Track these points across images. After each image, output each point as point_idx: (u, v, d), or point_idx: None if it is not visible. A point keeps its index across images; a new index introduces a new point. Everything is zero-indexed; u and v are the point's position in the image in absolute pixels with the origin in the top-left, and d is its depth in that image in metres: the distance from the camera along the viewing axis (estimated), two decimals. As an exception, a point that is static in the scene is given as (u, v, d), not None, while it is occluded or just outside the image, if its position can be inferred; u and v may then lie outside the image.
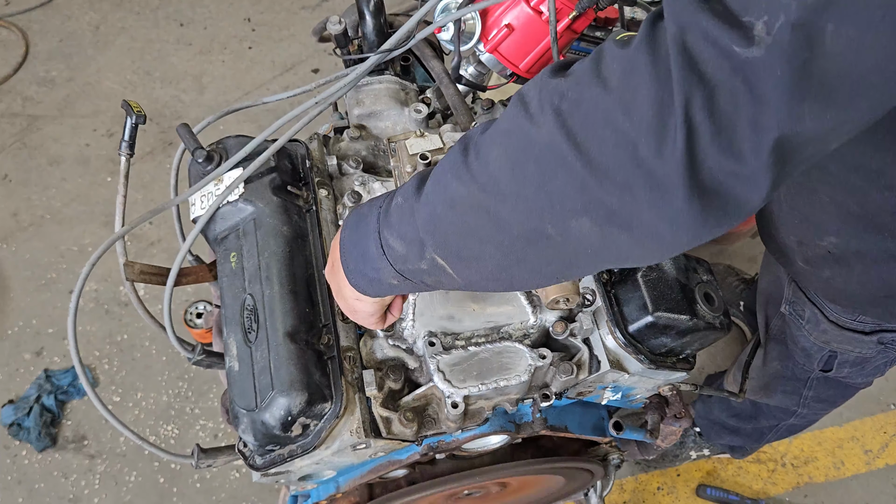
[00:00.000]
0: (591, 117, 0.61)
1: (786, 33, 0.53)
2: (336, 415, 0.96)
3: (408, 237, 0.76)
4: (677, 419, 1.22)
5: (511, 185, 0.66)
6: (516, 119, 0.66)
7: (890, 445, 2.29)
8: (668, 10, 0.59)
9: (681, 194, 0.59)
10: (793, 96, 0.55)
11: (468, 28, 1.26)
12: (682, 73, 0.57)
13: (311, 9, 3.42)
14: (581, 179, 0.62)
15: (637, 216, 0.62)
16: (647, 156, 0.59)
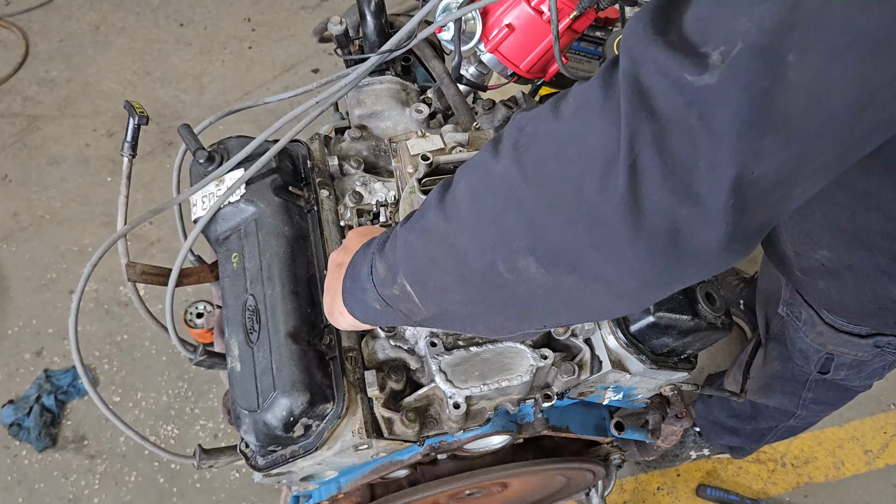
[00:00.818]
0: (543, 151, 0.60)
1: (743, 59, 0.50)
2: (338, 415, 0.96)
3: (388, 261, 0.77)
4: (678, 419, 1.22)
5: (470, 216, 0.66)
6: (484, 152, 0.66)
7: (890, 445, 2.29)
8: (623, 44, 0.57)
9: (623, 234, 0.56)
10: (752, 129, 0.50)
11: (469, 28, 1.26)
12: (631, 107, 0.54)
13: (311, 9, 3.42)
14: (529, 216, 0.61)
15: (581, 257, 0.60)
16: (590, 192, 0.56)
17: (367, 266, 0.81)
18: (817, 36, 0.48)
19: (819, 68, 0.49)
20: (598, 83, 0.58)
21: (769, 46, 0.49)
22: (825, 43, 0.48)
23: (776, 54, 0.49)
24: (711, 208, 0.53)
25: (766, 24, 0.49)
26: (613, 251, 0.58)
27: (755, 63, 0.49)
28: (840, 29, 0.48)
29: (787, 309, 1.34)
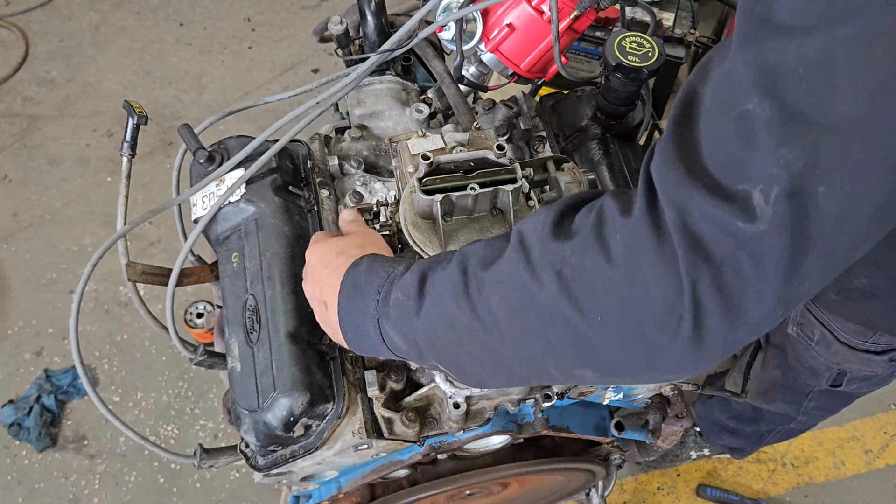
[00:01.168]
0: (595, 285, 0.63)
1: (782, 204, 0.54)
2: (338, 415, 0.96)
3: (409, 338, 0.78)
4: (679, 419, 1.22)
5: (512, 331, 0.68)
6: (518, 270, 0.67)
7: (890, 445, 2.29)
8: (661, 189, 0.60)
9: (686, 362, 0.62)
10: (795, 262, 0.56)
11: (469, 28, 1.26)
12: (688, 257, 0.58)
13: (311, 9, 3.42)
14: (584, 338, 0.64)
15: (638, 374, 0.66)
16: (651, 328, 0.61)
17: (374, 330, 0.81)
18: (841, 168, 0.53)
19: (847, 194, 0.53)
20: (645, 224, 0.60)
21: (801, 188, 0.53)
22: (849, 173, 0.53)
23: (809, 193, 0.53)
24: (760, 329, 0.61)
25: (794, 168, 0.53)
26: (672, 370, 0.64)
27: (794, 205, 0.54)
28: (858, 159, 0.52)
29: (797, 329, 1.32)
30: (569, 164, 1.10)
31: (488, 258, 0.71)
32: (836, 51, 0.51)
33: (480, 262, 0.71)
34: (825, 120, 0.52)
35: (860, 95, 0.51)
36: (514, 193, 0.97)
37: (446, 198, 0.94)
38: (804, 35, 0.52)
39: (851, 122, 0.52)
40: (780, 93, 0.53)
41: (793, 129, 0.53)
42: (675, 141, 0.61)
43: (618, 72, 1.20)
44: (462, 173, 0.97)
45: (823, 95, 0.52)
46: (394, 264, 0.82)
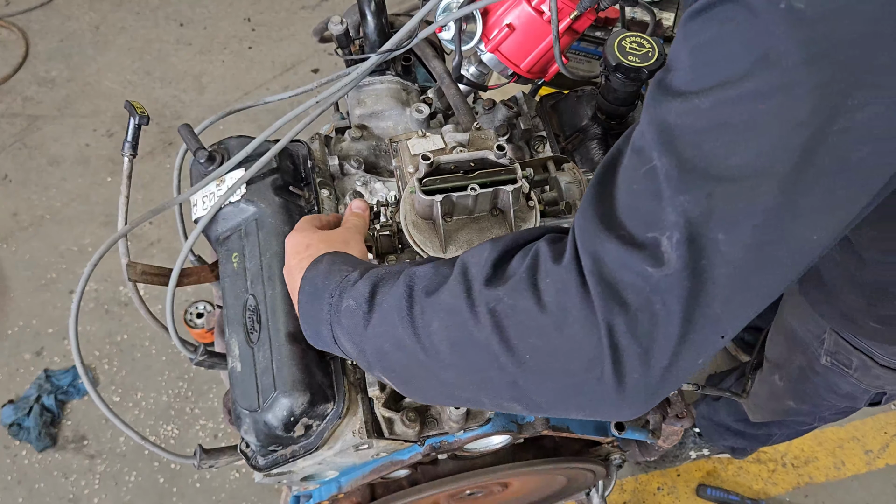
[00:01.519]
0: (526, 328, 0.66)
1: (682, 249, 0.58)
2: (338, 415, 0.96)
3: (358, 347, 0.80)
4: (679, 419, 1.22)
5: (451, 358, 0.71)
6: (458, 302, 0.70)
7: (890, 445, 2.29)
8: (579, 240, 0.65)
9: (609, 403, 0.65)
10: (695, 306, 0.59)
11: (469, 28, 1.26)
12: (604, 303, 0.61)
13: (311, 9, 3.42)
14: (513, 378, 0.67)
15: (563, 412, 0.70)
16: (577, 371, 0.64)
17: (327, 332, 0.83)
18: (738, 217, 0.58)
19: (748, 242, 0.58)
20: (573, 272, 0.64)
21: (699, 234, 0.58)
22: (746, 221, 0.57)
23: (708, 239, 0.58)
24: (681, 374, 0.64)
25: (691, 215, 0.58)
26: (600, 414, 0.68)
27: (693, 250, 0.58)
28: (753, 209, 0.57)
29: (830, 359, 1.31)
30: (569, 164, 1.10)
31: (433, 285, 0.73)
32: (724, 111, 0.57)
33: (425, 288, 0.74)
34: (718, 172, 0.58)
35: (749, 150, 0.57)
36: (515, 194, 0.97)
37: (447, 198, 0.94)
38: (697, 98, 0.59)
39: (743, 174, 0.57)
40: (677, 149, 0.59)
41: (689, 181, 0.59)
42: (594, 196, 0.67)
43: (618, 72, 1.20)
44: (462, 173, 0.97)
45: (715, 150, 0.58)
46: (349, 268, 0.84)
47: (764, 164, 0.56)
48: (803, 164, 0.56)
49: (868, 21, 0.53)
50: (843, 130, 0.55)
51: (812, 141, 0.55)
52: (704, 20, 0.60)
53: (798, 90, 0.55)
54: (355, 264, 0.85)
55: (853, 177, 0.57)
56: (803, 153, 0.56)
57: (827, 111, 0.55)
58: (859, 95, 0.54)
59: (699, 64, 0.60)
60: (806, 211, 0.58)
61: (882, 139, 0.56)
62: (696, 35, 0.60)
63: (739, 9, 0.57)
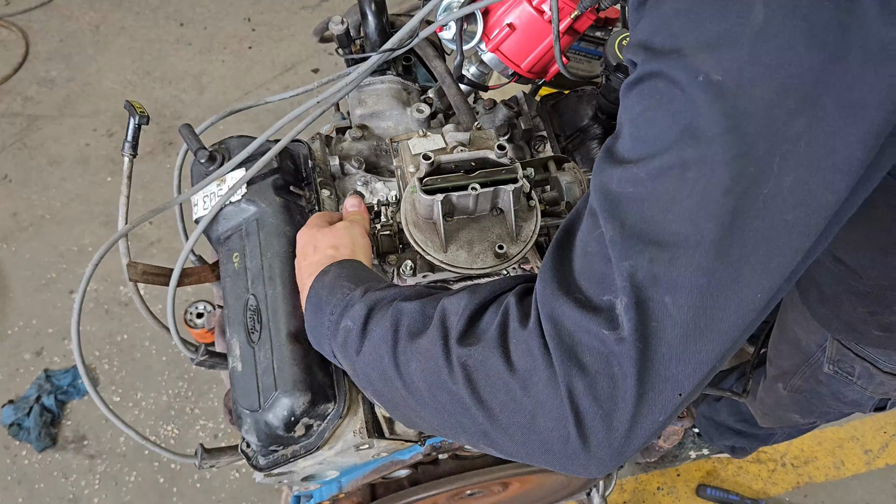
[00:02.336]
0: (495, 387, 0.67)
1: (631, 312, 0.60)
2: (339, 415, 0.96)
3: (350, 367, 0.83)
4: (679, 419, 1.22)
5: (429, 399, 0.73)
6: (435, 350, 0.72)
7: (890, 445, 2.29)
8: (539, 304, 0.66)
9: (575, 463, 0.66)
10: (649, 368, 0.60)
11: (470, 27, 1.26)
12: (563, 367, 0.63)
13: (311, 9, 3.42)
14: (484, 429, 0.69)
15: (535, 462, 0.70)
16: (545, 435, 0.65)
17: (328, 348, 0.86)
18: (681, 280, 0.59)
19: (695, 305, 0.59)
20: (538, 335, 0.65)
21: (646, 298, 0.60)
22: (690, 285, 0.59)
23: (656, 302, 0.60)
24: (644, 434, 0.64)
25: (635, 280, 0.60)
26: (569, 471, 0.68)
27: (641, 314, 0.60)
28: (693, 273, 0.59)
29: (833, 367, 1.31)
30: (570, 163, 1.10)
31: (416, 326, 0.76)
32: (658, 180, 0.60)
33: (409, 328, 0.76)
34: (657, 238, 0.60)
35: (682, 217, 0.59)
36: (516, 193, 0.97)
37: (447, 198, 0.94)
38: (635, 167, 0.62)
39: (678, 240, 0.59)
40: (619, 215, 0.62)
41: (631, 246, 0.61)
42: (553, 258, 0.69)
43: (618, 71, 1.20)
44: (463, 173, 0.97)
45: (653, 217, 0.60)
46: (352, 286, 0.86)
47: (697, 231, 0.58)
48: (735, 229, 0.58)
49: (778, 90, 0.55)
50: (773, 195, 0.57)
51: (741, 206, 0.57)
52: (637, 94, 0.63)
53: (720, 158, 0.57)
54: (358, 281, 0.88)
55: (790, 236, 0.59)
56: (734, 218, 0.58)
57: (751, 178, 0.57)
58: (780, 162, 0.56)
59: (635, 135, 0.63)
60: (745, 272, 0.59)
61: (805, 199, 0.57)
62: (632, 107, 0.64)
63: (665, 83, 0.60)
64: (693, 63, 0.58)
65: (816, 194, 0.57)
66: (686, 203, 0.59)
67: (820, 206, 0.58)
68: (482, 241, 0.99)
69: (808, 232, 0.59)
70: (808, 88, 0.55)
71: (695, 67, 0.58)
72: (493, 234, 0.99)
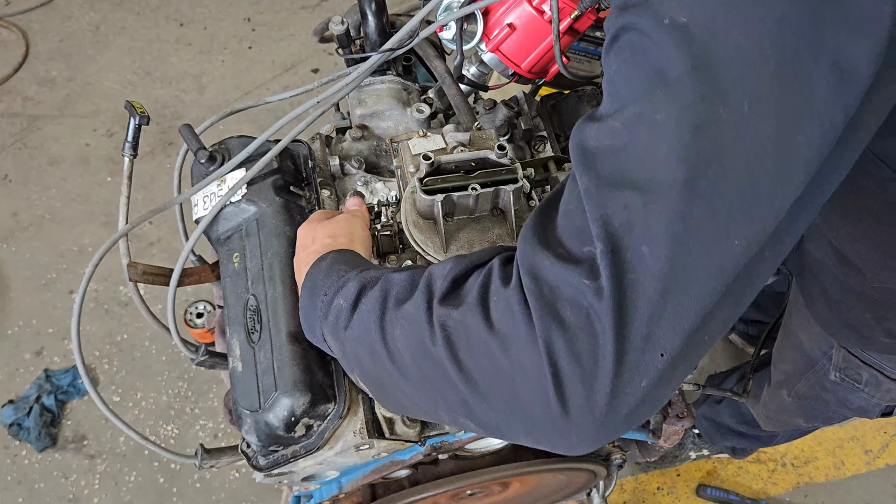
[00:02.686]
0: (475, 349, 0.66)
1: (607, 259, 0.59)
2: (339, 415, 0.96)
3: (339, 346, 0.82)
4: (680, 419, 1.22)
5: (412, 369, 0.72)
6: (419, 314, 0.71)
7: (890, 445, 2.29)
8: (520, 260, 0.66)
9: (555, 433, 0.64)
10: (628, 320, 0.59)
11: (470, 27, 1.26)
12: (542, 321, 0.61)
13: (311, 9, 3.42)
14: (463, 396, 0.68)
15: (514, 435, 0.69)
16: (525, 400, 0.64)
17: (319, 331, 0.85)
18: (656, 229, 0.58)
19: (671, 254, 0.58)
20: (518, 292, 0.64)
21: (621, 245, 0.59)
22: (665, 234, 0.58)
23: (632, 251, 0.59)
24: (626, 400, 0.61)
25: (611, 228, 0.60)
26: (549, 442, 0.67)
27: (617, 262, 0.59)
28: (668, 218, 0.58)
29: (840, 374, 1.31)
30: (570, 163, 1.10)
31: (404, 294, 0.75)
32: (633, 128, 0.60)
33: (397, 296, 0.75)
34: (631, 184, 0.60)
35: (655, 161, 0.59)
36: (516, 193, 0.97)
37: (447, 198, 0.94)
38: (612, 119, 0.62)
39: (651, 186, 0.59)
40: (595, 167, 0.62)
41: (606, 194, 0.61)
42: (534, 222, 0.69)
43: (619, 72, 1.19)
44: (463, 173, 0.97)
45: (628, 165, 0.60)
46: (347, 268, 0.85)
47: (669, 173, 0.58)
48: (708, 171, 0.58)
49: (748, 34, 0.55)
50: (744, 139, 0.57)
51: (711, 147, 0.57)
52: (613, 54, 0.64)
53: (687, 98, 0.57)
54: (355, 265, 0.87)
55: (768, 186, 0.58)
56: (705, 160, 0.57)
57: (721, 120, 0.57)
58: (751, 106, 0.56)
59: (611, 91, 0.64)
60: (722, 220, 0.58)
61: (780, 147, 0.57)
62: (609, 68, 0.65)
63: (634, 34, 0.61)
64: (659, 8, 0.59)
65: (793, 144, 0.57)
66: (659, 147, 0.59)
67: (798, 158, 0.57)
68: (482, 242, 0.99)
69: (787, 184, 0.58)
70: (781, 34, 0.55)
71: (661, 12, 0.59)
72: (494, 235, 0.99)
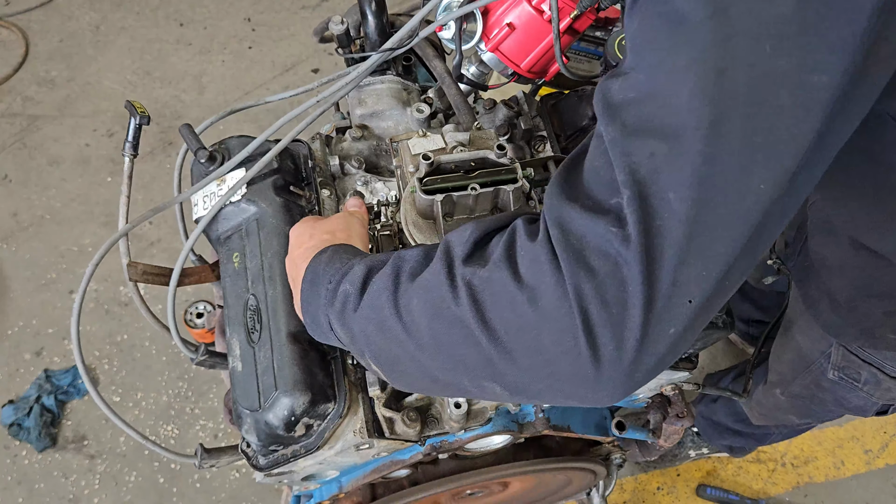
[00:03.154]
0: (501, 303, 0.66)
1: (634, 205, 0.60)
2: (339, 415, 0.96)
3: (348, 331, 0.80)
4: (679, 418, 1.22)
5: (429, 339, 0.71)
6: (439, 279, 0.70)
7: (890, 445, 2.29)
8: (547, 212, 0.66)
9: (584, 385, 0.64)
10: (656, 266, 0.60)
11: (470, 27, 1.26)
12: (571, 270, 0.62)
13: (311, 9, 3.42)
14: (488, 355, 0.67)
15: (540, 393, 0.69)
16: (551, 353, 0.63)
17: (324, 320, 0.83)
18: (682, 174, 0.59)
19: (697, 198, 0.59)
20: (546, 244, 0.65)
21: (648, 192, 0.60)
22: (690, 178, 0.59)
23: (658, 197, 0.60)
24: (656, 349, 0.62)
25: (638, 175, 0.61)
26: (576, 396, 0.67)
27: (644, 208, 0.60)
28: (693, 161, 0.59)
29: (839, 373, 1.31)
30: (570, 163, 1.10)
31: (418, 267, 0.74)
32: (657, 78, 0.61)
33: (411, 270, 0.74)
34: (656, 131, 0.61)
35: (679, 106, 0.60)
36: (515, 193, 0.97)
37: (447, 198, 0.94)
38: (635, 73, 0.64)
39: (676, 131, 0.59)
40: (620, 117, 0.63)
41: (631, 142, 0.62)
42: (560, 177, 0.69)
43: (618, 72, 1.19)
44: (463, 173, 0.97)
45: (653, 113, 0.61)
46: (351, 257, 0.84)
47: (694, 116, 0.59)
48: (732, 111, 0.58)
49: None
50: (766, 77, 0.58)
51: (734, 88, 0.58)
52: (635, 12, 0.65)
53: (709, 41, 0.58)
54: (359, 253, 0.87)
55: (790, 122, 0.59)
56: (729, 100, 0.58)
57: (742, 60, 0.58)
58: (768, 45, 0.57)
59: (634, 47, 0.65)
60: (747, 159, 0.59)
61: (802, 86, 0.58)
62: (630, 27, 0.66)
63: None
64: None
65: (812, 83, 0.58)
66: (682, 92, 0.60)
67: (817, 97, 0.58)
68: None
69: (808, 120, 0.59)
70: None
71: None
72: (493, 234, 0.99)
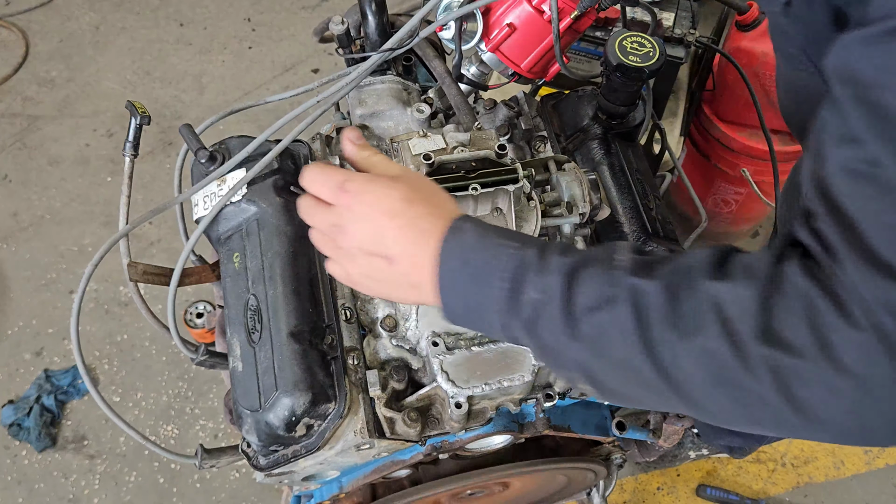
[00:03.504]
0: (817, 387, 0.60)
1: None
2: (340, 415, 0.96)
3: (543, 348, 0.72)
4: (680, 418, 1.22)
5: (703, 398, 0.66)
6: (721, 349, 0.63)
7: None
8: (868, 292, 0.58)
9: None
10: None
11: (470, 27, 1.26)
12: None
13: (311, 9, 3.42)
14: (786, 421, 0.63)
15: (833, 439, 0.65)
16: (873, 418, 0.60)
17: (498, 320, 0.73)
18: None
19: None
20: (875, 334, 0.58)
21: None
22: None
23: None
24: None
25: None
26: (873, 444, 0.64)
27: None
28: None
29: None
30: (570, 163, 1.10)
31: (676, 319, 0.65)
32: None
33: (667, 321, 0.65)
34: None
35: None
36: (516, 194, 0.97)
37: (448, 197, 0.94)
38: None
39: None
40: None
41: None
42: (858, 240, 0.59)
43: (619, 72, 1.20)
44: (463, 173, 0.97)
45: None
46: (514, 244, 0.73)
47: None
48: None
49: None
50: None
51: None
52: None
53: None
54: (515, 237, 0.75)
55: None
56: None
57: None
58: None
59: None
60: None
61: None
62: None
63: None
64: None
65: None
66: None
67: None
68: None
69: None
70: None
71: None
72: (494, 234, 0.99)
